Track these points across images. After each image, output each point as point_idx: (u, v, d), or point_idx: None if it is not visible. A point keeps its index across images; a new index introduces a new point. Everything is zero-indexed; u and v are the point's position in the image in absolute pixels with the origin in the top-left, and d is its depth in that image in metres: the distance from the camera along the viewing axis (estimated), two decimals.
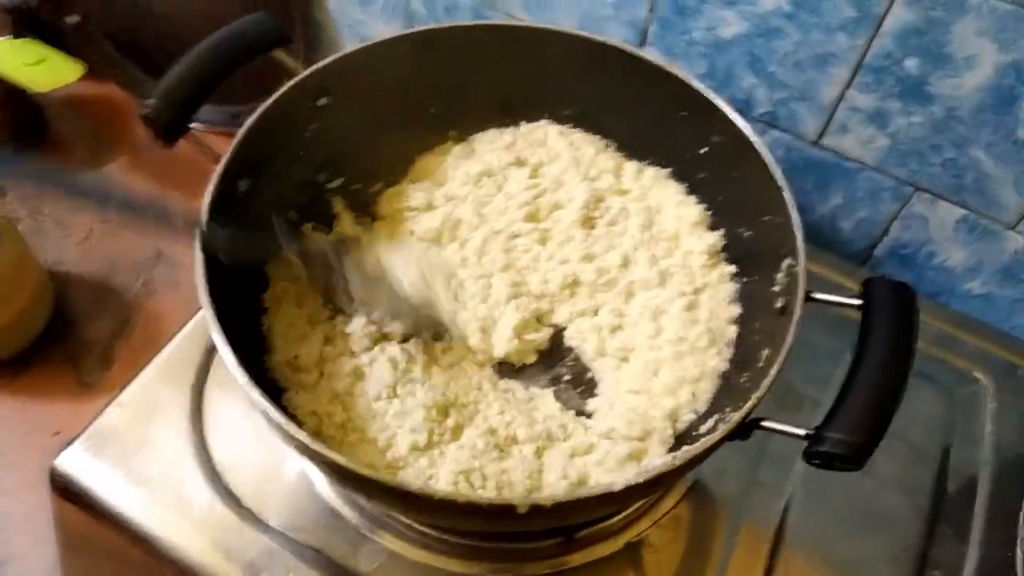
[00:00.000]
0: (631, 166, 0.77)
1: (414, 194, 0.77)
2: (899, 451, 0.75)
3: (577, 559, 0.67)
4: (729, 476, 0.72)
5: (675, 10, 0.80)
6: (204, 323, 0.75)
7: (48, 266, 1.16)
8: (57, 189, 0.90)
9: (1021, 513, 0.71)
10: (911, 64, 0.72)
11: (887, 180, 0.82)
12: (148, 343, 1.13)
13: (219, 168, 0.64)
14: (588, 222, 0.74)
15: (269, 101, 0.68)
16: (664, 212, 0.74)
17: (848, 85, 0.77)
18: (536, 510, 0.49)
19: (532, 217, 0.75)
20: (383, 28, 1.03)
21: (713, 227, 0.73)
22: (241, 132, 0.66)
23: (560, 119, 0.80)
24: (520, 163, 0.78)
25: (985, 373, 0.82)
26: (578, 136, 0.79)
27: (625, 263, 0.72)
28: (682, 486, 0.71)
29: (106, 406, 0.73)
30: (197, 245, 0.60)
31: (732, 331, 0.68)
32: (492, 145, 0.80)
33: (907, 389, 0.54)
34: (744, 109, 0.84)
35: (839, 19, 0.72)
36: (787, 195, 0.63)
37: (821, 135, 0.82)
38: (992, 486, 0.75)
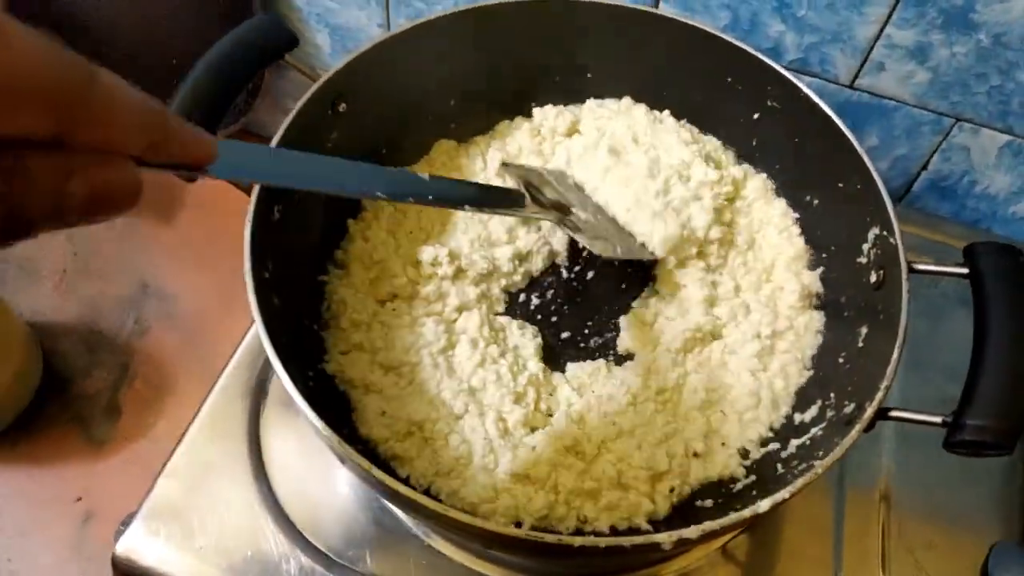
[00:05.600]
0: (736, 170, 0.71)
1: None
2: None
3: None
4: None
5: None
6: (243, 367, 0.71)
7: (25, 318, 1.07)
8: None
9: None
10: None
11: (927, 115, 0.79)
12: (153, 387, 1.05)
13: (253, 198, 0.57)
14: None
15: (291, 117, 0.61)
16: (765, 235, 0.69)
17: (886, 22, 0.72)
18: (681, 542, 0.46)
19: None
20: (357, 14, 0.94)
21: (812, 265, 0.68)
22: None
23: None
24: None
25: None
26: (664, 113, 0.73)
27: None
28: None
29: (156, 479, 0.66)
30: (250, 286, 0.53)
31: (805, 376, 0.64)
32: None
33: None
34: (772, 57, 0.79)
35: None
36: (867, 160, 0.59)
37: (856, 77, 0.78)
38: None
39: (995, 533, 0.65)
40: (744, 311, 0.66)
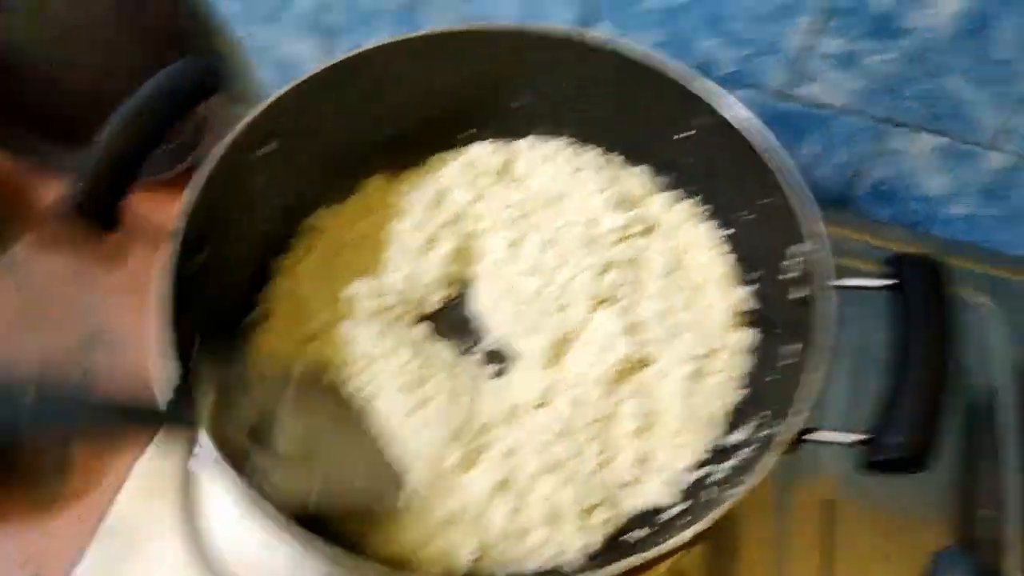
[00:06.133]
0: (663, 197, 0.73)
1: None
2: None
3: None
4: None
5: None
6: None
7: None
8: None
9: None
10: (882, 1, 0.68)
11: (862, 121, 0.79)
12: (104, 440, 1.03)
13: (172, 244, 0.57)
14: (608, 266, 0.68)
15: (212, 161, 0.61)
16: (692, 256, 0.70)
17: (816, 32, 0.73)
18: None
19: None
20: (299, 47, 0.94)
21: (742, 282, 0.68)
22: (187, 201, 0.59)
23: (523, 129, 0.75)
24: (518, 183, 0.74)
25: (983, 294, 0.82)
26: (589, 156, 0.75)
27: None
28: None
29: (90, 539, 0.66)
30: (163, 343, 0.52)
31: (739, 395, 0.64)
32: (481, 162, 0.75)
33: None
34: (707, 72, 0.79)
35: None
36: (782, 178, 0.59)
37: (791, 87, 0.78)
38: (1016, 406, 0.75)
39: (939, 539, 0.65)
40: (675, 332, 0.66)
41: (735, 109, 0.63)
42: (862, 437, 0.50)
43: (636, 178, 0.74)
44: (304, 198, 0.71)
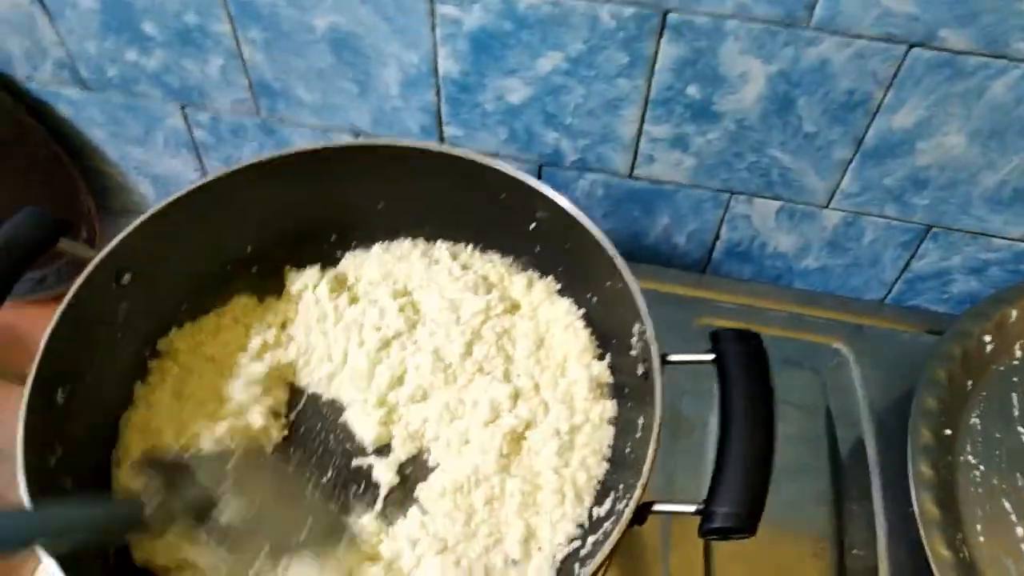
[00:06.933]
0: (520, 279, 0.76)
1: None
2: (787, 451, 0.77)
3: None
4: None
5: (460, 89, 0.80)
6: None
7: None
8: None
9: (908, 468, 0.74)
10: (693, 90, 0.75)
11: (704, 193, 0.85)
12: None
13: (28, 385, 0.57)
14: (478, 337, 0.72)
15: (65, 301, 0.62)
16: (553, 333, 0.73)
17: (642, 121, 0.78)
18: None
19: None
20: (172, 163, 0.97)
21: (600, 356, 0.71)
22: (44, 342, 0.60)
23: (381, 233, 0.79)
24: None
25: (840, 341, 0.87)
26: (442, 250, 0.78)
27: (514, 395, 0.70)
28: None
29: None
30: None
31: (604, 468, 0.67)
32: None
33: (780, 377, 0.56)
34: (555, 161, 0.85)
35: (615, 67, 0.74)
36: (618, 263, 0.63)
37: (633, 168, 0.84)
38: (879, 449, 0.79)
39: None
40: (544, 410, 0.68)
41: (567, 204, 0.67)
42: (698, 507, 0.53)
43: (490, 264, 0.78)
44: (169, 319, 0.73)
